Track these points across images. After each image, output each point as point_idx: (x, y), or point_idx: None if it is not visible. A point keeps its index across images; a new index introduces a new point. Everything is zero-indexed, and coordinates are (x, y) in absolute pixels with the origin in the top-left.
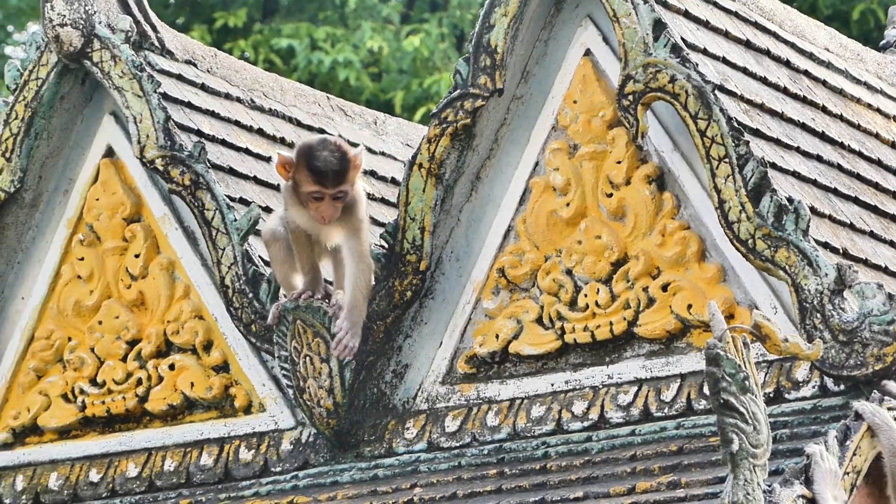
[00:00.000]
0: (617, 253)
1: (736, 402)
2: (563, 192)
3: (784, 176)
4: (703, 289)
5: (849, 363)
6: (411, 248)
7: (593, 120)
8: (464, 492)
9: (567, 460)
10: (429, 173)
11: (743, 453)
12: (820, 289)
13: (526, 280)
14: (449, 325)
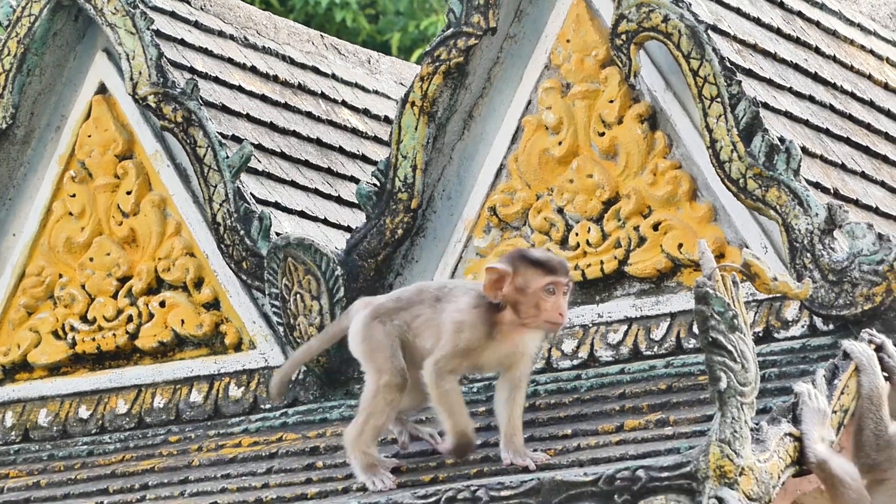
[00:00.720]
0: (608, 192)
1: (724, 340)
2: (555, 130)
3: (776, 116)
4: (693, 228)
5: (838, 303)
6: (403, 186)
7: (586, 59)
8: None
9: (556, 398)
10: (421, 111)
11: (731, 391)
12: (810, 228)
13: (517, 219)
14: (440, 263)
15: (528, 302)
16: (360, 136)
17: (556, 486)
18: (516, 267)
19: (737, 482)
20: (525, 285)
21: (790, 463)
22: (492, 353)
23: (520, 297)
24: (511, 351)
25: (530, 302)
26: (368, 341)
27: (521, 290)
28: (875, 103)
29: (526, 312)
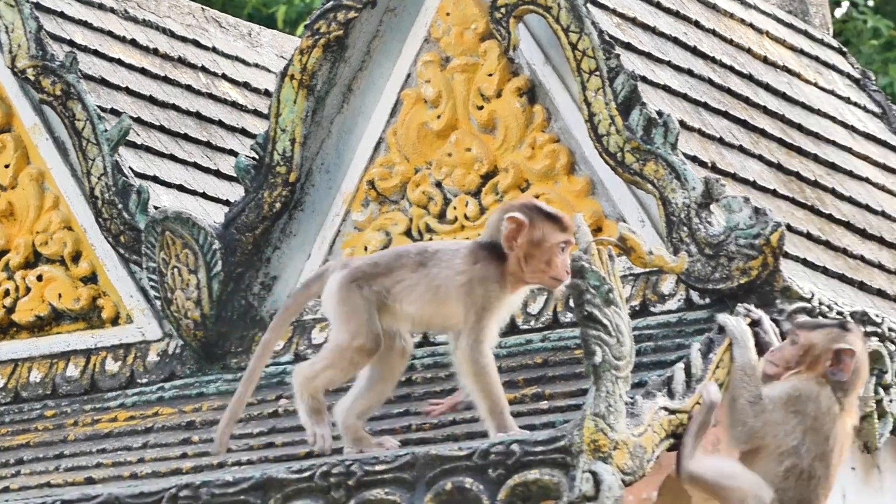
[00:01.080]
0: (487, 165)
1: (600, 314)
2: (434, 104)
3: (654, 90)
4: (571, 202)
5: (714, 276)
6: (281, 159)
7: (466, 32)
8: (329, 402)
9: (433, 372)
10: (300, 85)
11: (606, 365)
12: (687, 202)
13: (395, 192)
14: (318, 236)
15: (541, 257)
16: (240, 109)
17: (431, 461)
18: (533, 219)
19: (611, 456)
20: (542, 239)
21: (664, 437)
22: (507, 306)
23: (533, 251)
24: (516, 304)
25: (543, 257)
26: (345, 304)
27: (536, 243)
28: (754, 77)
29: (535, 267)
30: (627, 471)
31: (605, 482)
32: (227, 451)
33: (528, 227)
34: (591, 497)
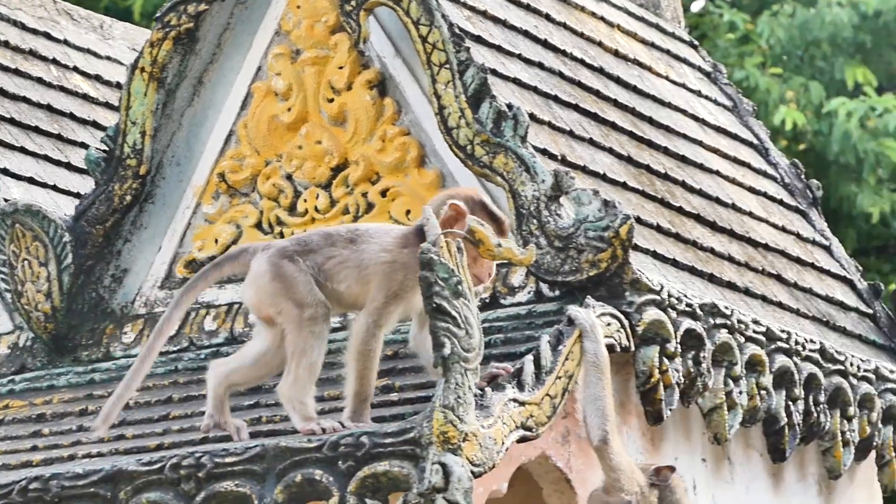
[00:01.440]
0: (337, 158)
1: (448, 306)
2: (284, 96)
3: (504, 83)
4: (421, 194)
5: (564, 269)
6: (132, 152)
7: (316, 25)
8: (179, 395)
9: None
10: (151, 77)
11: (455, 357)
12: (537, 195)
13: (246, 185)
14: (168, 229)
15: (470, 252)
16: (91, 102)
17: (281, 453)
18: (473, 212)
19: (460, 448)
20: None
21: (514, 428)
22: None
23: (465, 246)
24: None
25: (471, 253)
26: (281, 278)
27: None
28: (605, 70)
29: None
30: (477, 462)
31: (455, 474)
32: (80, 444)
33: (466, 217)
34: (441, 489)
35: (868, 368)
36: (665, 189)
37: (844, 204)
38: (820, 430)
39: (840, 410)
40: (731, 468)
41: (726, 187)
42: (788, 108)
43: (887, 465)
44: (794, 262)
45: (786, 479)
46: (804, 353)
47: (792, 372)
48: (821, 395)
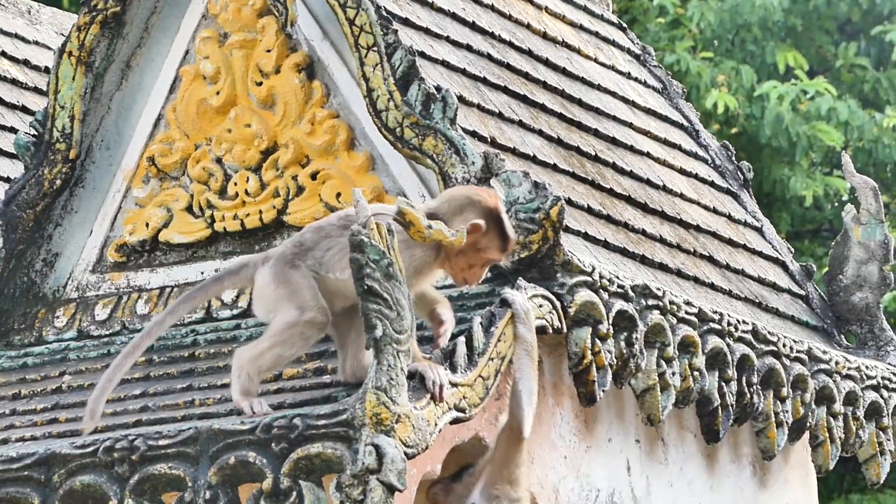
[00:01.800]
0: (266, 141)
1: (380, 288)
2: (213, 80)
3: (433, 65)
4: (351, 177)
5: None
6: (61, 136)
7: (243, 8)
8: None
9: (216, 347)
10: (78, 61)
11: (387, 339)
12: (467, 177)
13: (176, 168)
14: (99, 213)
15: (470, 260)
16: (20, 86)
17: (214, 435)
18: (488, 229)
19: (393, 429)
20: (483, 249)
21: (447, 410)
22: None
23: (469, 252)
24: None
25: (471, 261)
26: (287, 284)
27: (476, 249)
28: (533, 52)
29: (460, 263)
30: (410, 444)
31: (388, 455)
32: (13, 427)
33: (481, 234)
34: (375, 470)
35: (801, 349)
36: (595, 171)
37: (777, 187)
38: (753, 411)
39: (773, 391)
40: (665, 449)
41: (657, 169)
42: (720, 91)
43: (821, 446)
44: (726, 243)
45: (720, 460)
46: (737, 334)
47: (725, 353)
48: (754, 376)
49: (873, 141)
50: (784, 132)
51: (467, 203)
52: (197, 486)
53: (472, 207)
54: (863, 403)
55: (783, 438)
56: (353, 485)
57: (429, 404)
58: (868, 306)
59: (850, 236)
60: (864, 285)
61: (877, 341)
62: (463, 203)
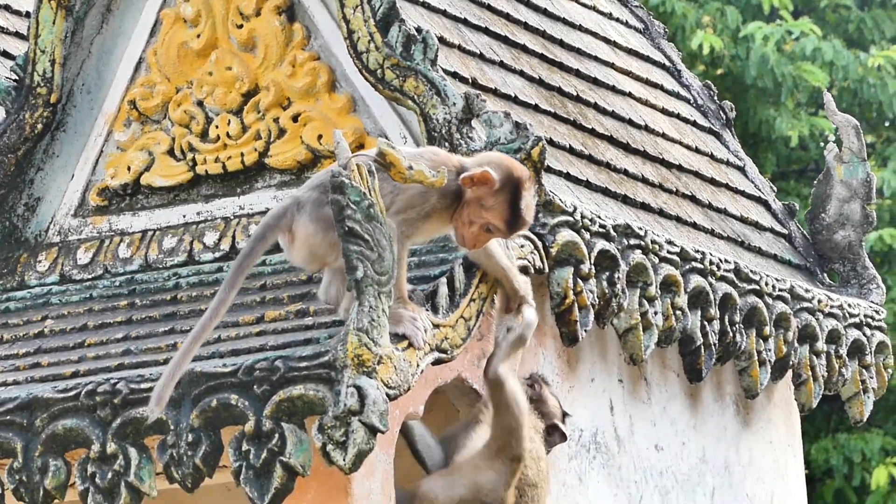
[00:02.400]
0: (248, 84)
1: (361, 229)
2: (193, 23)
3: (413, 6)
4: (333, 119)
5: None
6: (42, 80)
7: None
8: (94, 323)
9: (198, 290)
10: (59, 5)
11: (368, 280)
12: (448, 118)
13: (157, 112)
14: (81, 157)
15: (472, 214)
16: (0, 31)
17: (196, 378)
18: (502, 188)
19: (375, 371)
20: (487, 206)
21: (429, 351)
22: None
23: (472, 204)
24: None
25: (472, 215)
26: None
27: (479, 200)
28: None
29: (461, 216)
30: (392, 385)
31: (370, 396)
32: None
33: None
34: (357, 411)
35: (783, 288)
36: (577, 111)
37: (763, 128)
38: (736, 350)
39: (756, 330)
40: (648, 388)
41: (639, 109)
42: (705, 32)
43: (804, 385)
44: (708, 182)
45: (703, 399)
46: (719, 273)
47: (707, 292)
48: (736, 314)
49: (858, 81)
50: (769, 73)
51: (494, 161)
52: (179, 429)
53: (495, 164)
54: (845, 342)
55: (766, 377)
56: (336, 426)
57: (410, 346)
58: (850, 245)
59: (832, 175)
60: (846, 224)
61: (859, 279)
62: (490, 160)
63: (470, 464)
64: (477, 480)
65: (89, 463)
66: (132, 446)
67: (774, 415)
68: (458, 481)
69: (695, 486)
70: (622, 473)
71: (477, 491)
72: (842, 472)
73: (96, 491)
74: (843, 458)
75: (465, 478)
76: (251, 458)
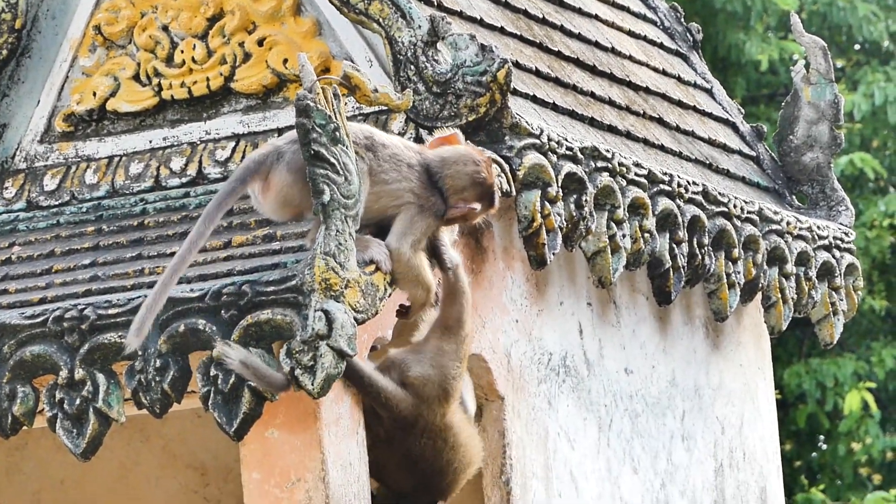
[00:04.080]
0: (213, 8)
1: (327, 153)
2: None
3: None
4: (298, 43)
5: (443, 114)
6: (6, 6)
7: None
8: (62, 249)
9: (165, 216)
10: None
11: (334, 204)
12: (413, 41)
13: (122, 37)
14: (46, 83)
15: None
16: None
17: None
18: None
19: (343, 295)
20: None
21: None
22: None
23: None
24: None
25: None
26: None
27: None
28: None
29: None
30: (360, 309)
31: (338, 321)
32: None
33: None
34: (325, 335)
35: (752, 210)
36: (543, 34)
37: (733, 52)
38: (705, 273)
39: (725, 252)
40: (618, 312)
41: (605, 31)
42: None
43: (773, 307)
44: (676, 105)
45: (672, 322)
46: (687, 195)
47: (675, 214)
48: (705, 237)
49: (828, 4)
50: None
51: (469, 184)
52: (147, 354)
53: (473, 188)
54: (815, 264)
55: (735, 300)
56: (304, 351)
57: (378, 270)
58: (819, 166)
59: (799, 97)
60: (814, 145)
61: (828, 201)
62: (465, 183)
63: (431, 345)
64: (441, 362)
65: (57, 389)
66: (100, 372)
67: (744, 338)
68: (425, 359)
69: (665, 409)
70: (592, 397)
71: (441, 372)
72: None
73: (65, 417)
74: (816, 382)
75: (430, 358)
76: (219, 382)
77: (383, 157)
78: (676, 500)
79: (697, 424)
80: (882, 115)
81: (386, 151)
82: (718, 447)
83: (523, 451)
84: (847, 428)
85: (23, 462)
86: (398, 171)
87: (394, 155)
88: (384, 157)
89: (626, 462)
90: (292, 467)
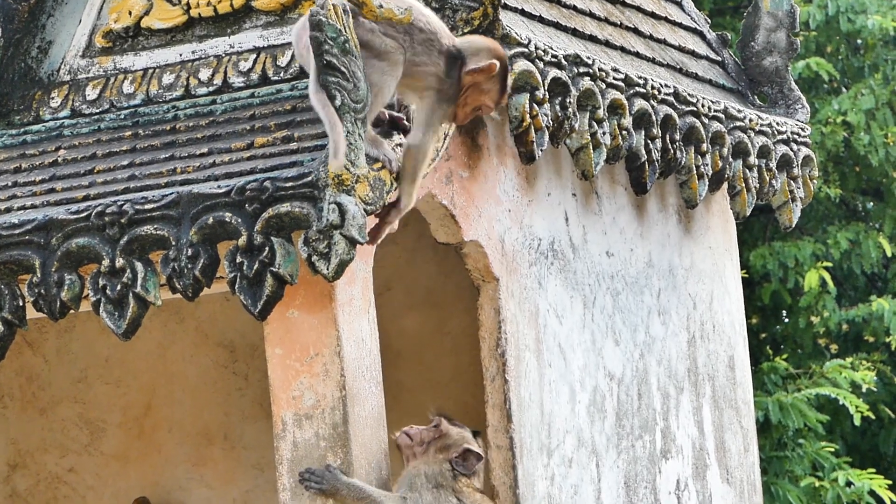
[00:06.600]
0: None
1: (337, 62)
2: None
3: None
4: None
5: None
6: None
7: None
8: (103, 152)
9: (194, 121)
10: None
11: (346, 107)
12: None
13: None
14: (87, 3)
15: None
16: None
17: (194, 199)
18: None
19: (354, 189)
20: (484, 89)
21: None
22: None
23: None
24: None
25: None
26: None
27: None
28: None
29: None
30: (369, 201)
31: (350, 212)
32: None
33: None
34: (338, 225)
35: (718, 109)
36: None
37: None
38: (677, 165)
39: (694, 147)
40: (599, 201)
41: None
42: None
43: (738, 195)
44: (649, 16)
45: (648, 210)
46: (660, 96)
47: (650, 114)
48: (676, 133)
49: None
50: None
51: (485, 48)
52: (180, 244)
53: (488, 52)
54: (775, 156)
55: (704, 189)
56: (319, 239)
57: (384, 167)
58: (777, 69)
59: (759, 6)
60: (773, 51)
61: (786, 101)
62: (481, 48)
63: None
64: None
65: (100, 276)
66: (138, 261)
67: (713, 223)
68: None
69: (642, 287)
70: (577, 277)
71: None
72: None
73: (107, 301)
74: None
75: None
76: (244, 269)
77: (417, 41)
78: (654, 368)
79: (672, 301)
80: (835, 23)
81: (420, 36)
82: (691, 321)
83: (517, 327)
84: (807, 303)
85: (71, 342)
86: (428, 56)
87: (426, 40)
88: (418, 41)
89: (608, 335)
90: (311, 343)
